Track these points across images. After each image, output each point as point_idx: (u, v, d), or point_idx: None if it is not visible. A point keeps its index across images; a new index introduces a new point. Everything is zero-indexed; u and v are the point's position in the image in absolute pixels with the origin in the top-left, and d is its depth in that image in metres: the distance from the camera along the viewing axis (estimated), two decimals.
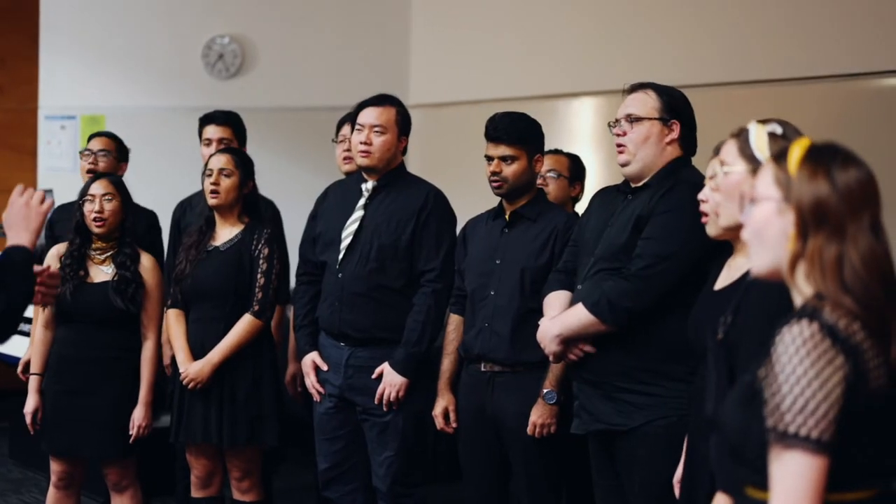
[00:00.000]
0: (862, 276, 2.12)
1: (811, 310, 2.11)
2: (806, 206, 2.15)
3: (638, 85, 3.85)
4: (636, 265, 3.66)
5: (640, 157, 3.76)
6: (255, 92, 7.50)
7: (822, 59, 5.52)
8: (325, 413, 4.66)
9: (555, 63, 6.77)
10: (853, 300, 2.11)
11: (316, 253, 4.73)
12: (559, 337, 3.77)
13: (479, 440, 4.35)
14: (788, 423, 2.06)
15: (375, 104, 4.62)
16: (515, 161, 4.30)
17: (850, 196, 2.15)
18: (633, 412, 3.68)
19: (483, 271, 4.34)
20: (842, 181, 2.16)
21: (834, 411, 2.06)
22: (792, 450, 2.06)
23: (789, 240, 2.17)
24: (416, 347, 4.48)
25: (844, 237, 2.14)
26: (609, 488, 3.84)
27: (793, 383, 2.06)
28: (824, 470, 2.07)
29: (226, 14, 7.53)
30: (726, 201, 2.94)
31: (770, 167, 2.25)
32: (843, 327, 2.09)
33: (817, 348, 2.07)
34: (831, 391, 2.06)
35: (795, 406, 2.06)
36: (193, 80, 7.47)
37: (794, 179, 2.17)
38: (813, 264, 2.15)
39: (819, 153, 2.21)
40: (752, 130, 2.85)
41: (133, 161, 5.67)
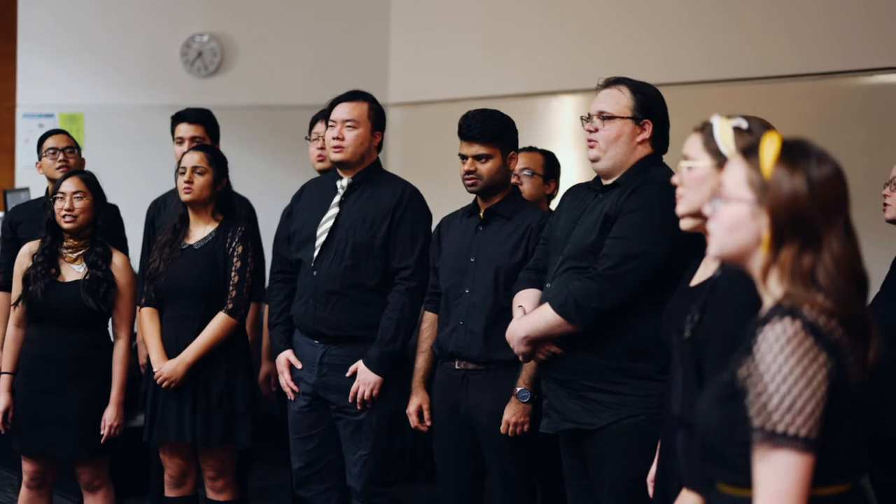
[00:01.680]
0: (836, 280, 2.13)
1: (792, 308, 2.10)
2: (782, 212, 2.14)
3: (612, 80, 3.83)
4: (603, 265, 3.64)
5: (610, 155, 3.75)
6: (235, 90, 7.48)
7: (802, 57, 5.52)
8: (299, 412, 4.64)
9: (534, 61, 6.77)
10: (827, 299, 2.11)
11: (291, 251, 4.71)
12: (527, 338, 3.76)
13: (454, 438, 4.34)
14: (777, 422, 2.06)
15: (348, 100, 4.62)
16: (490, 159, 4.29)
17: (825, 198, 2.14)
18: (601, 411, 3.67)
19: (457, 269, 4.32)
20: (817, 182, 2.14)
21: (820, 409, 2.06)
22: (780, 449, 2.06)
23: (762, 244, 2.16)
24: (390, 346, 4.46)
25: (820, 244, 2.13)
26: (579, 487, 3.83)
27: (779, 382, 2.06)
28: (811, 468, 2.07)
29: (205, 12, 7.50)
30: (690, 194, 2.91)
31: (741, 165, 2.22)
32: (823, 324, 2.09)
33: (801, 346, 2.07)
34: (817, 389, 2.06)
35: (783, 405, 2.06)
36: (172, 78, 7.44)
37: (769, 183, 2.15)
38: (784, 270, 2.14)
39: (793, 152, 2.18)
40: (717, 125, 2.83)
41: (111, 159, 5.67)
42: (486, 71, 7.01)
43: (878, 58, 5.28)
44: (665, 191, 3.18)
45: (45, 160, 5.27)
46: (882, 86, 5.31)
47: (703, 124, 2.91)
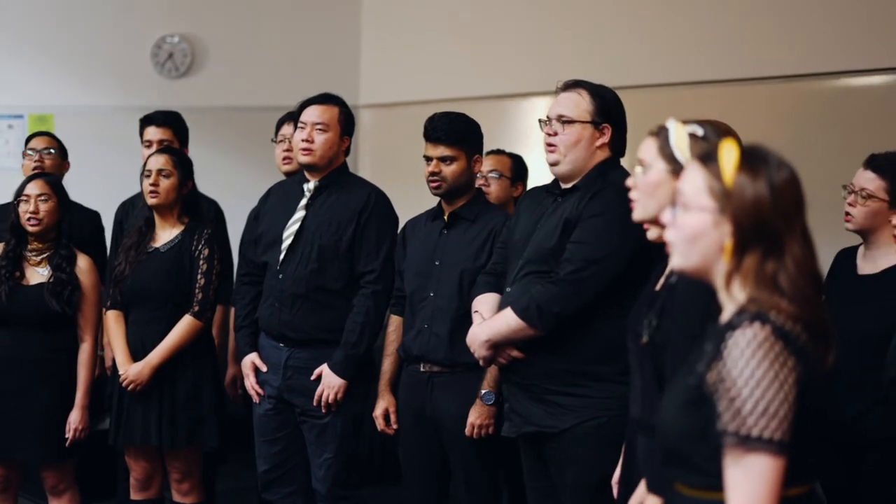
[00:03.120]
0: (798, 284, 2.14)
1: (760, 313, 2.11)
2: (744, 219, 2.15)
3: (571, 83, 3.83)
4: (565, 269, 3.65)
5: (569, 159, 3.75)
6: (205, 91, 7.45)
7: (764, 60, 5.54)
8: (265, 415, 4.64)
9: (505, 63, 6.77)
10: (791, 304, 2.12)
11: (257, 253, 4.71)
12: (488, 342, 3.76)
13: (419, 441, 4.34)
14: (751, 426, 2.07)
15: (318, 102, 4.61)
16: (454, 161, 4.30)
17: (786, 205, 2.15)
18: (563, 414, 3.68)
19: (422, 272, 4.33)
20: (778, 188, 2.15)
21: (791, 412, 2.08)
22: (754, 453, 2.07)
23: (725, 252, 2.16)
24: (355, 349, 4.46)
25: (783, 250, 2.14)
26: (541, 490, 3.84)
27: (752, 386, 2.07)
28: (783, 471, 2.09)
29: (176, 13, 7.47)
30: (644, 199, 2.92)
31: (700, 173, 2.22)
32: (791, 329, 2.11)
33: (772, 350, 2.09)
34: (788, 393, 2.08)
35: (757, 409, 2.07)
36: (143, 80, 7.41)
37: (731, 190, 2.16)
38: (747, 277, 2.15)
39: (753, 159, 2.19)
40: (672, 130, 2.83)
41: (82, 160, 5.62)
42: (457, 73, 7.01)
43: (840, 61, 5.30)
44: (625, 195, 3.17)
45: (25, 161, 5.28)
46: (843, 89, 5.33)
47: (659, 129, 2.91)
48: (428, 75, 7.16)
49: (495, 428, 4.12)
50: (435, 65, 7.13)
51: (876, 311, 3.66)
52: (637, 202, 2.94)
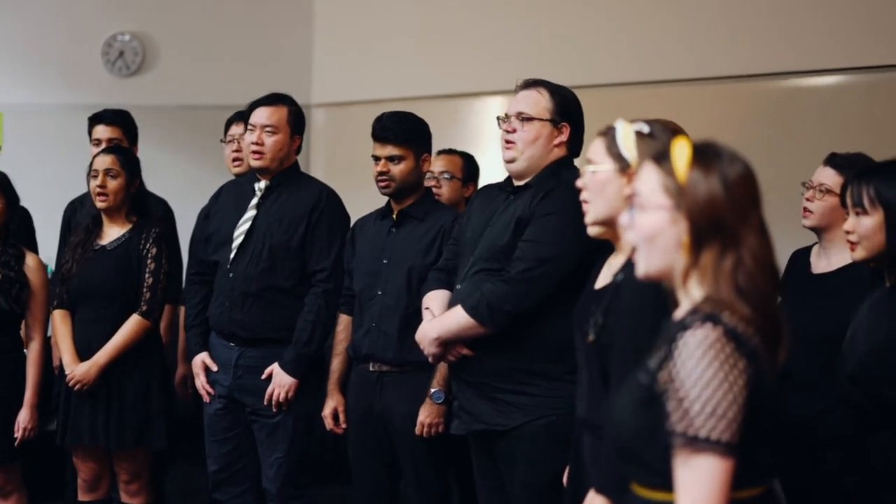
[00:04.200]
0: (755, 280, 2.14)
1: (712, 314, 2.12)
2: (700, 214, 2.15)
3: (531, 82, 3.84)
4: (516, 268, 3.65)
5: (527, 156, 3.77)
6: (157, 90, 7.40)
7: (717, 60, 5.57)
8: (215, 414, 4.63)
9: (458, 62, 6.77)
10: (747, 305, 2.13)
11: (208, 252, 4.69)
12: (438, 339, 3.76)
13: (369, 440, 4.34)
14: (698, 427, 2.07)
15: (267, 104, 4.60)
16: (402, 161, 4.30)
17: (740, 197, 2.16)
18: (512, 412, 3.68)
19: (370, 271, 4.33)
20: (731, 182, 2.16)
21: (740, 414, 2.08)
22: (702, 454, 2.07)
23: (683, 248, 2.17)
24: (305, 348, 4.46)
25: (739, 243, 2.14)
26: (491, 488, 3.85)
27: (701, 388, 2.07)
28: (731, 472, 2.09)
29: (127, 11, 7.42)
30: (594, 199, 2.93)
31: (654, 172, 2.23)
32: (742, 331, 2.11)
33: (722, 352, 2.09)
34: (738, 395, 2.08)
35: (705, 410, 2.07)
36: (93, 78, 7.35)
37: (684, 187, 2.17)
38: (706, 272, 2.15)
39: (705, 155, 2.20)
40: (619, 129, 2.84)
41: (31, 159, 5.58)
42: (410, 72, 7.00)
43: (789, 62, 5.34)
44: (577, 194, 3.19)
45: None
46: (792, 89, 5.37)
47: (607, 129, 2.93)
48: (381, 74, 7.15)
49: (445, 426, 4.12)
50: (388, 64, 7.12)
51: (831, 310, 3.67)
52: (588, 204, 2.96)
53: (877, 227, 3.21)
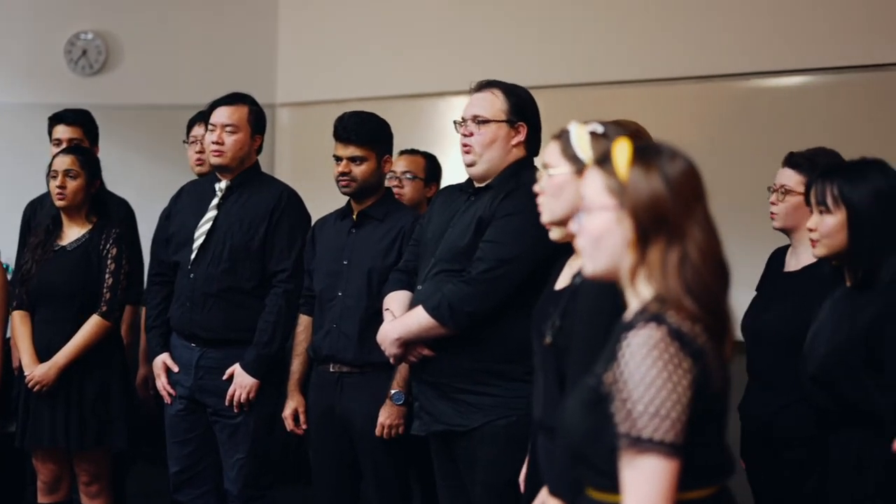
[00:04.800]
0: (702, 274, 2.13)
1: (656, 314, 2.11)
2: (643, 212, 2.15)
3: (485, 83, 3.85)
4: (477, 268, 3.65)
5: (485, 159, 3.76)
6: (120, 89, 7.34)
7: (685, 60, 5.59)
8: (176, 415, 4.61)
9: (422, 63, 6.76)
10: (694, 302, 2.12)
11: (168, 253, 4.67)
12: (399, 340, 3.76)
13: (329, 441, 4.33)
14: (642, 428, 2.06)
15: (227, 103, 4.59)
16: (364, 161, 4.29)
17: (683, 192, 2.16)
18: (472, 412, 3.68)
19: (331, 272, 4.32)
20: (673, 178, 2.16)
21: (684, 414, 2.07)
22: (646, 454, 2.07)
23: (629, 247, 2.17)
24: (266, 348, 4.45)
25: (683, 237, 2.14)
26: (452, 488, 3.85)
27: (644, 388, 2.07)
28: (677, 472, 2.08)
29: (90, 9, 7.36)
30: (552, 202, 2.93)
31: (597, 174, 2.23)
32: (687, 330, 2.10)
33: (666, 352, 2.08)
34: (682, 395, 2.07)
35: (648, 411, 2.06)
36: (56, 77, 7.28)
37: (626, 186, 2.17)
38: (653, 268, 2.15)
39: (646, 153, 2.20)
40: (573, 131, 2.84)
41: None
42: (375, 72, 6.99)
43: (751, 63, 5.36)
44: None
45: None
46: (755, 90, 5.39)
47: (561, 131, 2.93)
48: (346, 74, 7.13)
49: (405, 428, 4.12)
50: (353, 64, 7.10)
51: (795, 308, 3.70)
52: (544, 205, 2.95)
53: (839, 225, 3.22)
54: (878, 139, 4.67)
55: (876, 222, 3.18)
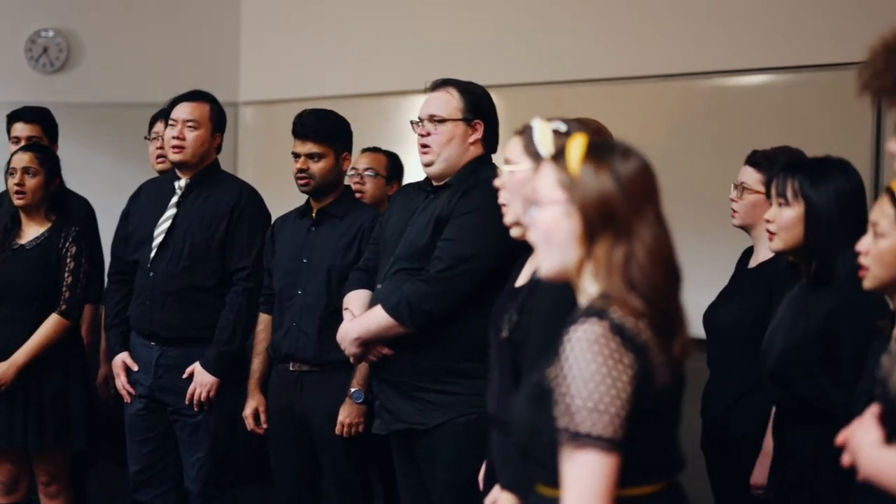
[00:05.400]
0: (648, 273, 2.13)
1: (599, 309, 2.11)
2: (591, 208, 2.15)
3: (440, 82, 3.85)
4: (436, 267, 3.65)
5: (444, 158, 3.77)
6: (81, 87, 7.30)
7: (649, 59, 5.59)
8: (136, 414, 4.59)
9: (385, 61, 6.76)
10: (639, 298, 2.12)
11: (128, 251, 4.65)
12: (358, 339, 3.75)
13: (289, 440, 4.32)
14: (579, 422, 2.06)
15: (189, 99, 4.59)
16: (322, 158, 4.29)
17: (633, 191, 2.16)
18: (433, 411, 3.68)
19: (290, 270, 4.31)
20: (624, 176, 2.16)
21: (624, 410, 2.07)
22: (584, 449, 2.06)
23: (577, 242, 2.17)
24: (227, 347, 4.43)
25: (631, 235, 2.14)
26: (412, 486, 3.85)
27: (583, 383, 2.06)
28: (616, 468, 2.08)
29: (51, 6, 7.32)
30: (513, 199, 2.93)
31: (551, 168, 2.24)
32: (630, 326, 2.10)
33: (607, 347, 2.07)
34: (621, 390, 2.07)
35: (587, 406, 2.06)
36: (17, 75, 7.23)
37: (576, 181, 2.17)
38: (599, 265, 2.15)
39: (598, 150, 2.21)
40: (536, 128, 2.84)
41: None
42: (338, 70, 6.98)
43: (717, 61, 5.37)
44: (496, 192, 3.19)
45: None
46: (721, 88, 5.40)
47: (524, 127, 2.93)
48: (308, 72, 7.12)
49: (365, 426, 4.11)
50: (315, 62, 7.09)
51: (743, 304, 3.72)
52: (506, 203, 2.95)
53: (796, 219, 3.25)
54: (836, 137, 4.69)
55: (833, 220, 3.20)
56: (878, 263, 2.66)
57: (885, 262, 2.65)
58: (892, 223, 2.66)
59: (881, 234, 2.67)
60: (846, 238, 3.09)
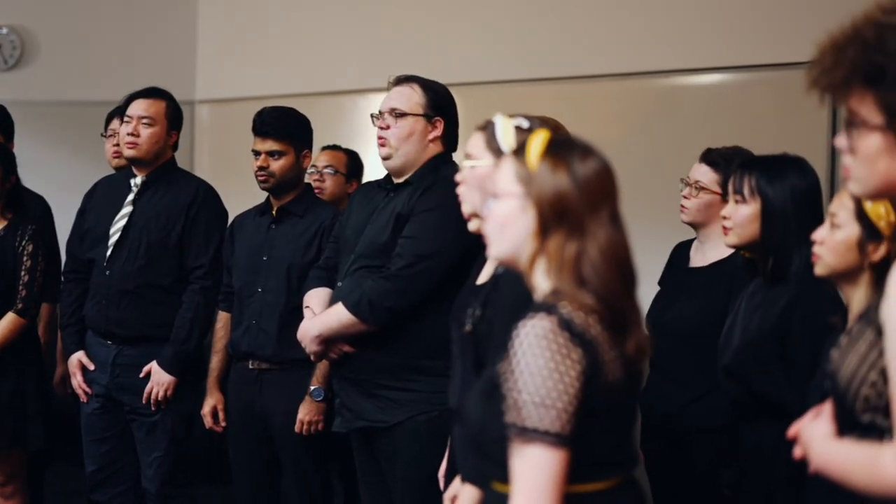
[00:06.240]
0: (600, 271, 2.14)
1: (548, 304, 2.12)
2: (546, 203, 2.17)
3: (403, 78, 3.86)
4: (396, 264, 3.65)
5: (402, 153, 3.77)
6: (36, 84, 7.23)
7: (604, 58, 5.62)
8: (92, 413, 4.57)
9: (343, 59, 6.75)
10: (590, 295, 2.13)
11: (83, 250, 4.62)
12: (319, 337, 3.75)
13: (249, 439, 4.31)
14: (527, 417, 2.07)
15: (145, 96, 4.57)
16: (282, 156, 4.29)
17: (590, 190, 2.17)
18: (394, 408, 3.69)
19: (250, 268, 4.30)
20: (581, 175, 2.18)
21: (572, 405, 2.07)
22: (532, 444, 2.07)
23: (531, 236, 2.18)
24: (184, 345, 4.42)
25: (584, 233, 2.15)
26: (373, 485, 3.85)
27: (531, 378, 2.07)
28: (565, 463, 2.09)
29: (5, 4, 7.24)
30: (472, 193, 2.94)
31: (510, 162, 2.26)
32: (579, 321, 2.11)
33: (555, 342, 2.08)
34: (569, 385, 2.07)
35: (534, 400, 2.06)
36: None
37: (534, 175, 2.18)
38: (551, 260, 2.16)
39: (558, 147, 2.22)
40: (498, 124, 2.85)
41: None
42: (295, 69, 6.96)
43: (671, 60, 5.40)
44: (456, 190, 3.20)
45: None
46: (674, 87, 5.44)
47: (486, 123, 2.94)
48: (266, 70, 7.10)
49: (325, 424, 4.11)
50: (273, 60, 7.07)
51: (702, 304, 3.74)
52: (465, 197, 2.96)
53: (752, 216, 3.27)
54: (791, 136, 4.73)
55: (788, 218, 3.23)
56: (831, 253, 2.74)
57: (839, 252, 2.73)
58: (850, 215, 2.72)
59: (838, 225, 2.73)
60: (802, 235, 3.12)
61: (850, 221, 2.72)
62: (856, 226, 2.72)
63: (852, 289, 2.78)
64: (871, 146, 1.89)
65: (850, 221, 2.72)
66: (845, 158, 1.95)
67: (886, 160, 1.88)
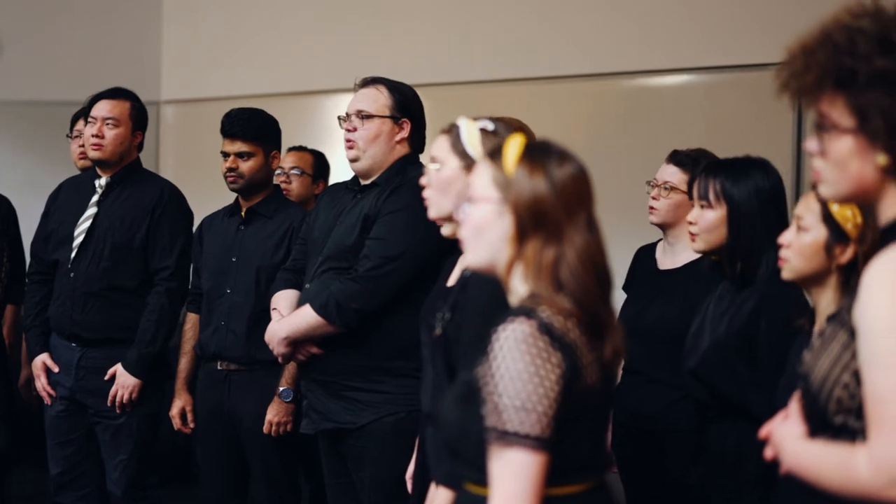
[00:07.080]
0: (578, 275, 2.15)
1: (527, 309, 2.12)
2: (523, 208, 2.17)
3: (370, 80, 3.85)
4: (364, 266, 3.65)
5: (369, 154, 3.77)
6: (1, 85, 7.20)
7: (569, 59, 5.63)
8: (57, 416, 4.53)
9: (309, 60, 6.74)
10: (568, 299, 2.13)
11: (47, 251, 4.59)
12: (287, 339, 3.74)
13: (217, 440, 4.30)
14: (507, 421, 2.07)
15: (109, 97, 4.55)
16: (251, 157, 4.28)
17: (567, 195, 2.17)
18: (361, 410, 3.68)
19: (219, 269, 4.29)
20: (559, 180, 2.18)
21: (552, 409, 2.08)
22: (511, 448, 2.07)
23: (508, 241, 2.18)
24: (149, 347, 4.39)
25: (562, 238, 2.16)
26: (341, 486, 3.84)
27: (511, 382, 2.07)
28: (544, 466, 2.09)
29: None
30: (438, 196, 2.94)
31: (487, 166, 2.25)
32: (558, 325, 2.11)
33: (535, 346, 2.08)
34: (549, 389, 2.07)
35: (514, 404, 2.06)
36: None
37: (511, 180, 2.18)
38: (529, 266, 2.16)
39: (535, 152, 2.22)
40: (463, 126, 2.85)
41: None
42: (261, 69, 6.95)
43: (636, 61, 5.43)
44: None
45: None
46: (640, 88, 5.46)
47: (451, 126, 2.94)
48: (232, 71, 7.08)
49: (293, 425, 4.10)
50: (239, 60, 7.05)
51: (676, 306, 3.74)
52: (431, 200, 2.96)
53: (719, 221, 3.28)
54: (757, 137, 4.75)
55: (755, 220, 3.24)
56: (798, 256, 2.75)
57: (806, 255, 2.74)
58: (816, 218, 2.73)
59: (805, 228, 2.74)
60: (768, 237, 3.13)
61: (817, 224, 2.73)
62: (823, 229, 2.73)
63: (820, 291, 2.79)
64: (842, 149, 1.90)
65: (817, 224, 2.73)
66: (816, 162, 1.96)
67: (858, 163, 1.89)
